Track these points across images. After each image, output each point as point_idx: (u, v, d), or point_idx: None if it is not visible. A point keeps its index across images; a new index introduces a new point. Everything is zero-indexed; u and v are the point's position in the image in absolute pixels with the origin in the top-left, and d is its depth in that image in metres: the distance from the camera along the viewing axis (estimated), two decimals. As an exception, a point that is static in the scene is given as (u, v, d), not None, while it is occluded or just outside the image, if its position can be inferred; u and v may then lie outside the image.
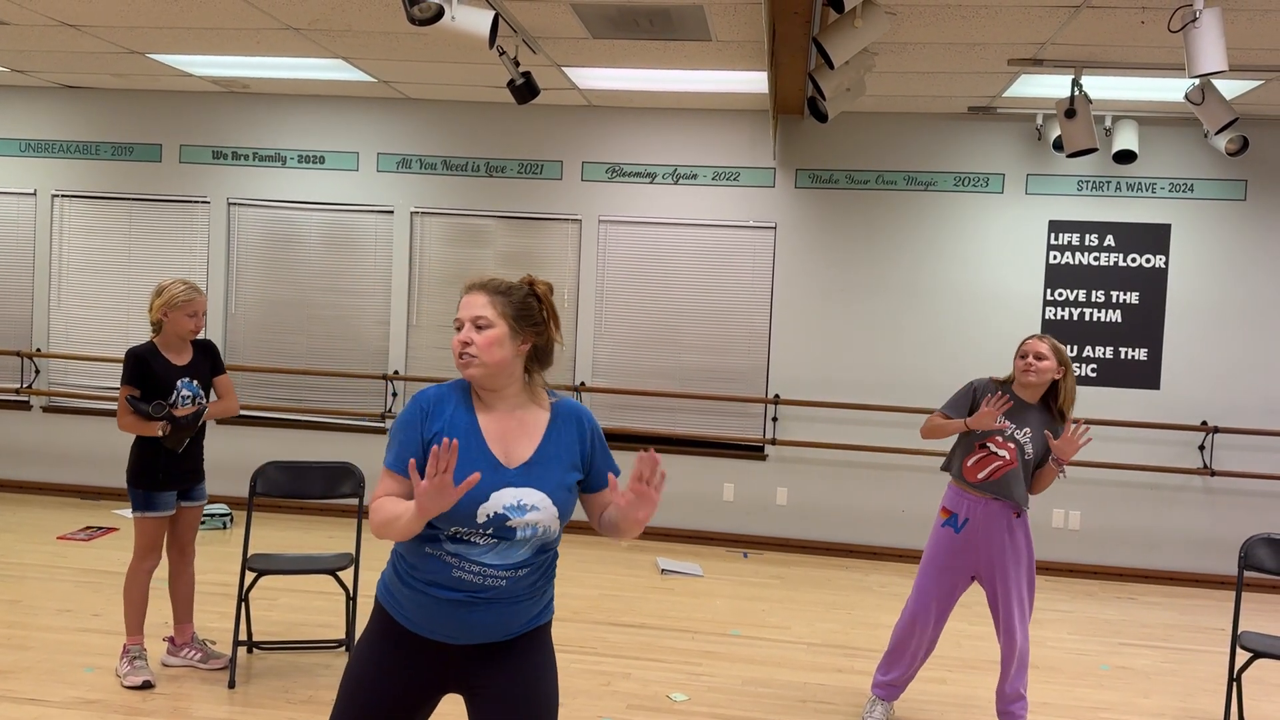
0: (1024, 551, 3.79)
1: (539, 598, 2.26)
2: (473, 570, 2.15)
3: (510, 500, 2.15)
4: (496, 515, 2.13)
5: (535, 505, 2.16)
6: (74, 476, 7.45)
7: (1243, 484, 6.48)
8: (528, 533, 2.16)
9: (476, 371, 2.20)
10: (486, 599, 2.16)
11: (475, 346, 2.18)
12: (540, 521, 2.16)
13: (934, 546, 3.89)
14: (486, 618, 2.17)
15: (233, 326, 7.31)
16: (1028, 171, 6.62)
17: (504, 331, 2.21)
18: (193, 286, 4.08)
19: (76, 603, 5.02)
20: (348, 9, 4.95)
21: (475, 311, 2.21)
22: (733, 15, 4.74)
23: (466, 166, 7.08)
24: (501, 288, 2.25)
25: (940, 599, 3.87)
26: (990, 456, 3.76)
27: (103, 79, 6.99)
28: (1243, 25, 4.48)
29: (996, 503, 3.76)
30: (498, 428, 2.22)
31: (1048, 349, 3.74)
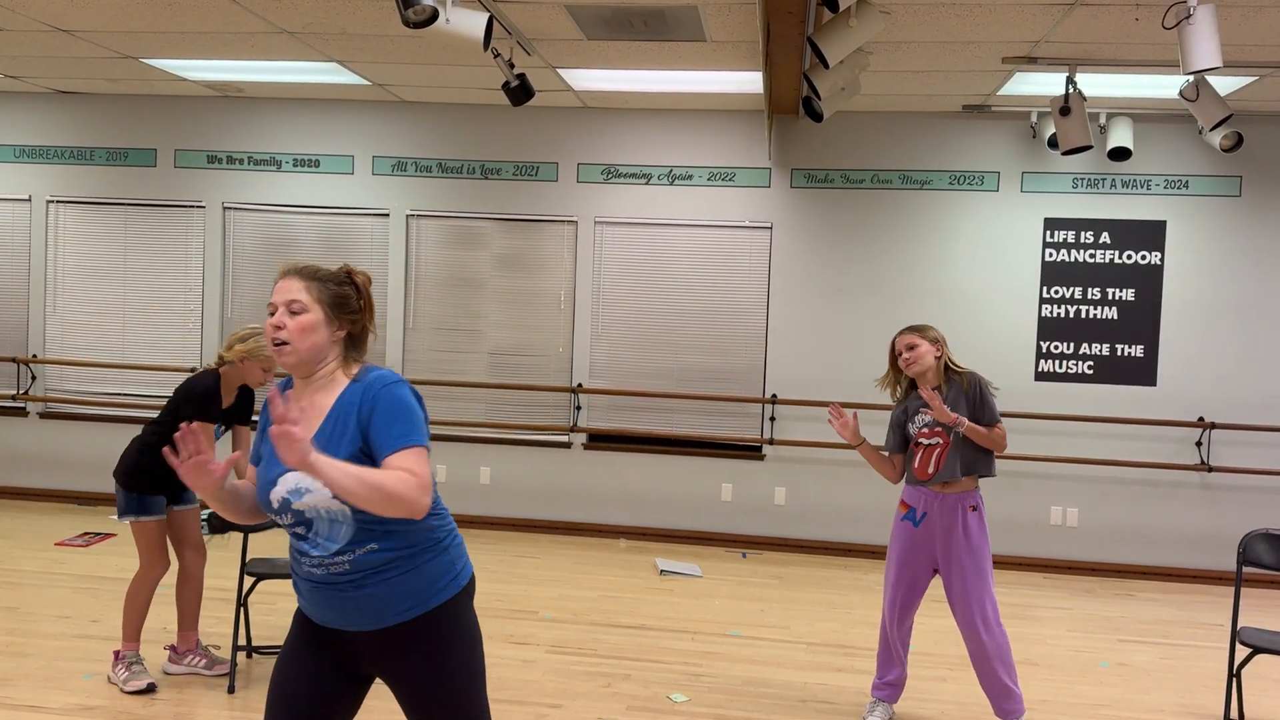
0: (980, 546, 3.81)
1: (396, 586, 2.17)
2: (310, 562, 2.20)
3: (292, 484, 2.16)
4: (283, 500, 2.17)
5: (309, 488, 2.14)
6: (71, 482, 7.44)
7: (1240, 479, 6.49)
8: (314, 514, 2.16)
9: (290, 359, 2.20)
10: (339, 587, 2.18)
11: (288, 331, 2.18)
12: (317, 504, 2.14)
13: (895, 541, 3.96)
14: (343, 604, 2.19)
15: (228, 331, 7.29)
16: (1023, 169, 6.63)
17: (318, 317, 2.20)
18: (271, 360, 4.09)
19: (75, 609, 5.01)
20: (341, 12, 4.94)
21: (290, 295, 2.20)
22: (727, 16, 4.74)
23: (462, 169, 7.08)
24: (318, 274, 2.24)
25: (904, 592, 3.92)
26: (927, 450, 3.84)
27: (96, 84, 6.98)
28: (1236, 21, 4.49)
29: (953, 497, 3.81)
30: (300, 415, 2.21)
31: (915, 337, 3.85)
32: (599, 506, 7.04)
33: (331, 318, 2.22)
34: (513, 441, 7.08)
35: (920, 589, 3.93)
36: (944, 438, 3.81)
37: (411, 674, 2.22)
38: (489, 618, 5.15)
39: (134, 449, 4.11)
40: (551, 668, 4.49)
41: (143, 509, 4.04)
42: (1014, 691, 3.82)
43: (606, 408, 7.02)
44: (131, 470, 4.06)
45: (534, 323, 7.06)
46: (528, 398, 7.05)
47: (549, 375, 7.05)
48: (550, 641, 4.83)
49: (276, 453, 1.99)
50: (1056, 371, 6.63)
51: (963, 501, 3.81)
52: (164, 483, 4.07)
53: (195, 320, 7.32)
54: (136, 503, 4.04)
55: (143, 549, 4.06)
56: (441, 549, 2.25)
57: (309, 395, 2.25)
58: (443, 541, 2.26)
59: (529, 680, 4.32)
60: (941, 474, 3.81)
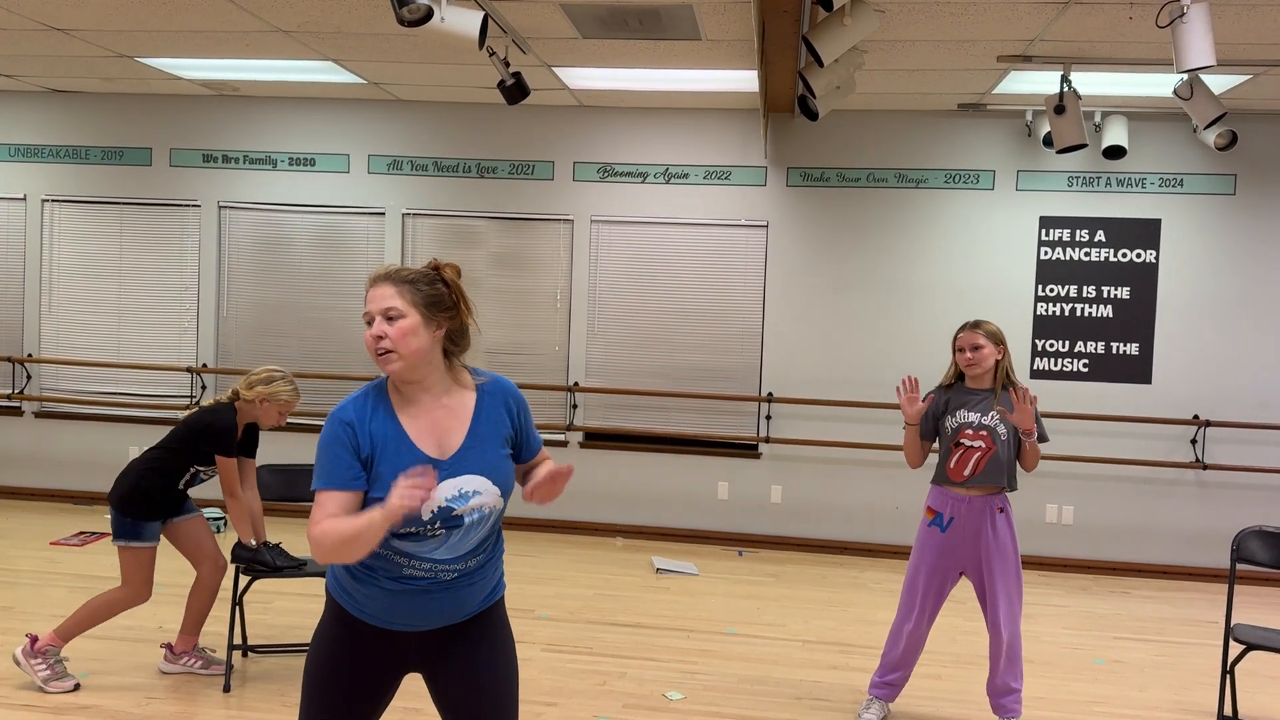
0: (1009, 545, 3.81)
1: (490, 578, 2.29)
2: (423, 567, 2.16)
3: (451, 491, 2.15)
4: (441, 509, 2.13)
5: (477, 490, 2.16)
6: (66, 482, 7.43)
7: (1234, 477, 6.50)
8: (475, 517, 2.16)
9: (397, 366, 2.15)
10: (439, 584, 2.18)
11: (390, 339, 2.14)
12: (485, 504, 2.18)
13: (921, 547, 3.92)
14: (443, 604, 2.20)
15: (224, 330, 7.29)
16: (1018, 168, 6.64)
17: (417, 320, 2.16)
18: (296, 389, 4.11)
19: (70, 608, 4.98)
20: (337, 11, 4.94)
21: (385, 304, 2.16)
22: (722, 14, 4.74)
23: (458, 167, 7.08)
24: (408, 277, 2.20)
25: (932, 598, 3.89)
26: (968, 451, 3.80)
27: (91, 83, 6.97)
28: (1230, 20, 4.50)
29: (980, 500, 3.79)
30: (425, 422, 2.19)
31: (981, 337, 3.82)
32: (595, 505, 7.05)
33: (429, 318, 2.18)
34: (509, 440, 7.07)
35: (947, 593, 3.92)
36: (988, 442, 3.76)
37: (467, 666, 2.24)
38: (485, 616, 5.15)
39: (134, 474, 4.03)
40: (548, 666, 4.49)
41: (136, 535, 3.98)
42: (1018, 692, 3.85)
43: (603, 406, 7.02)
44: (129, 495, 4.00)
45: (530, 321, 7.06)
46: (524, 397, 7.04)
47: (545, 374, 7.06)
48: (546, 639, 4.84)
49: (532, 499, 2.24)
50: (1052, 369, 6.64)
51: (991, 504, 3.79)
52: (161, 508, 4.04)
53: (191, 319, 7.31)
54: (131, 528, 3.97)
55: (129, 574, 3.99)
56: (503, 549, 2.36)
57: (421, 402, 2.20)
58: (501, 552, 2.36)
59: (525, 678, 4.29)
60: (979, 478, 3.78)
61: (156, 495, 4.02)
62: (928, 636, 3.98)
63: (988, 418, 3.78)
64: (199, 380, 7.24)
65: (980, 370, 3.81)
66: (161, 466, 4.03)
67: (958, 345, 3.86)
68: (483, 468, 2.18)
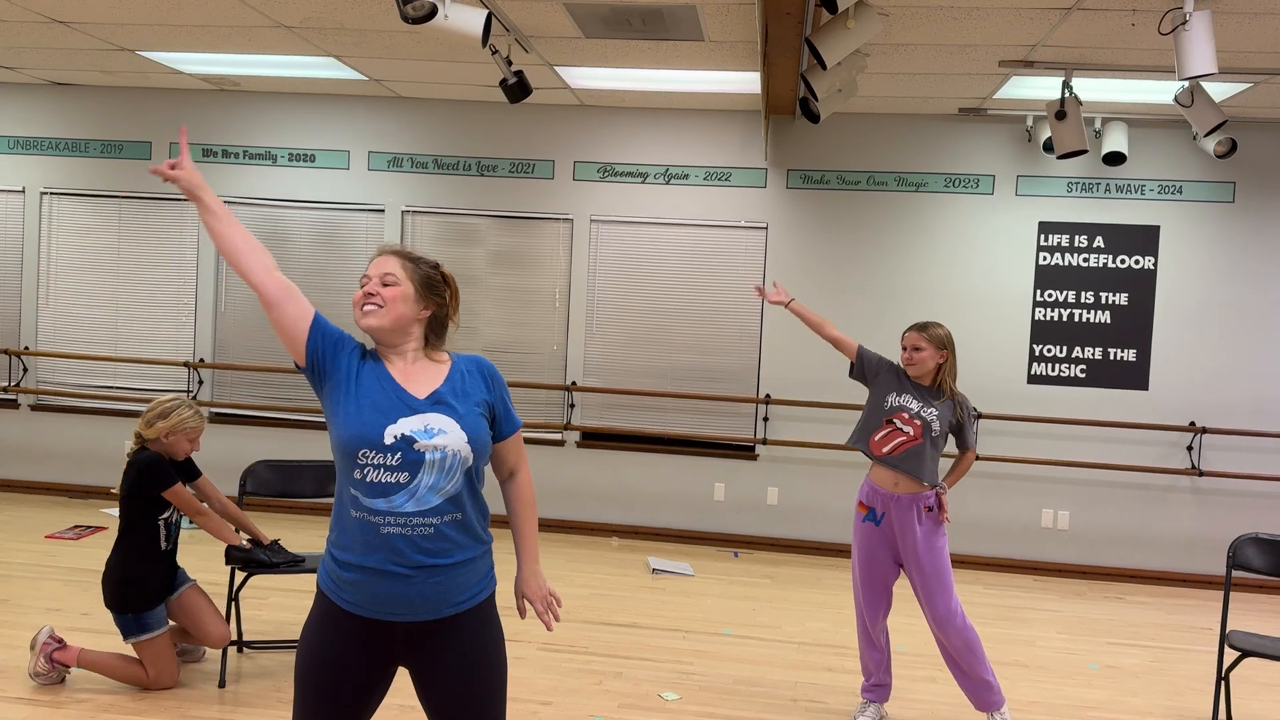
0: (938, 545, 3.85)
1: (473, 570, 2.26)
2: (397, 522, 2.14)
3: (418, 425, 2.19)
4: (403, 436, 2.16)
5: (443, 429, 2.19)
6: (62, 475, 7.42)
7: (1230, 484, 6.52)
8: (435, 455, 2.16)
9: (375, 320, 2.27)
10: (413, 564, 2.15)
11: (380, 297, 2.27)
12: (449, 445, 2.17)
13: (858, 542, 3.99)
14: (424, 590, 2.18)
15: (223, 325, 7.28)
16: (1018, 173, 6.65)
17: (410, 291, 2.29)
18: (198, 412, 4.02)
19: (65, 601, 5.00)
20: (340, 7, 4.94)
21: (385, 269, 2.30)
22: (725, 16, 4.74)
23: (458, 165, 7.07)
24: (413, 256, 2.35)
25: (878, 591, 3.96)
26: (895, 432, 3.87)
27: (92, 76, 6.96)
28: (1232, 28, 4.51)
29: (908, 498, 3.85)
30: (401, 371, 2.29)
31: (923, 340, 3.89)
32: (592, 504, 7.05)
33: (421, 295, 2.31)
34: (506, 439, 7.07)
35: (889, 586, 3.97)
36: (917, 431, 3.83)
37: (453, 663, 2.22)
38: (481, 614, 5.15)
39: (116, 571, 3.92)
40: (543, 665, 4.49)
41: (145, 627, 3.91)
42: (990, 683, 3.85)
43: (600, 406, 7.03)
44: (120, 590, 3.91)
45: (528, 320, 7.06)
46: (522, 395, 7.05)
47: (543, 373, 7.06)
48: (542, 639, 4.84)
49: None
50: (1049, 375, 6.65)
51: (917, 502, 3.85)
52: (156, 591, 3.96)
53: (189, 314, 7.30)
54: (136, 622, 3.90)
55: (150, 664, 3.93)
56: (489, 549, 2.35)
57: (404, 362, 2.31)
58: (488, 544, 2.35)
59: (521, 677, 4.33)
60: (894, 460, 3.85)
61: (149, 579, 3.93)
62: (887, 628, 4.04)
63: (926, 410, 3.86)
64: (196, 375, 7.24)
65: (918, 371, 3.90)
66: (134, 547, 3.92)
67: (901, 343, 3.95)
68: (453, 413, 2.23)
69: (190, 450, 4.01)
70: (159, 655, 3.94)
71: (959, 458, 4.01)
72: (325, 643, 2.22)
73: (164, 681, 3.96)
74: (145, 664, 3.94)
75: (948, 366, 3.91)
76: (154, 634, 3.93)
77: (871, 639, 4.03)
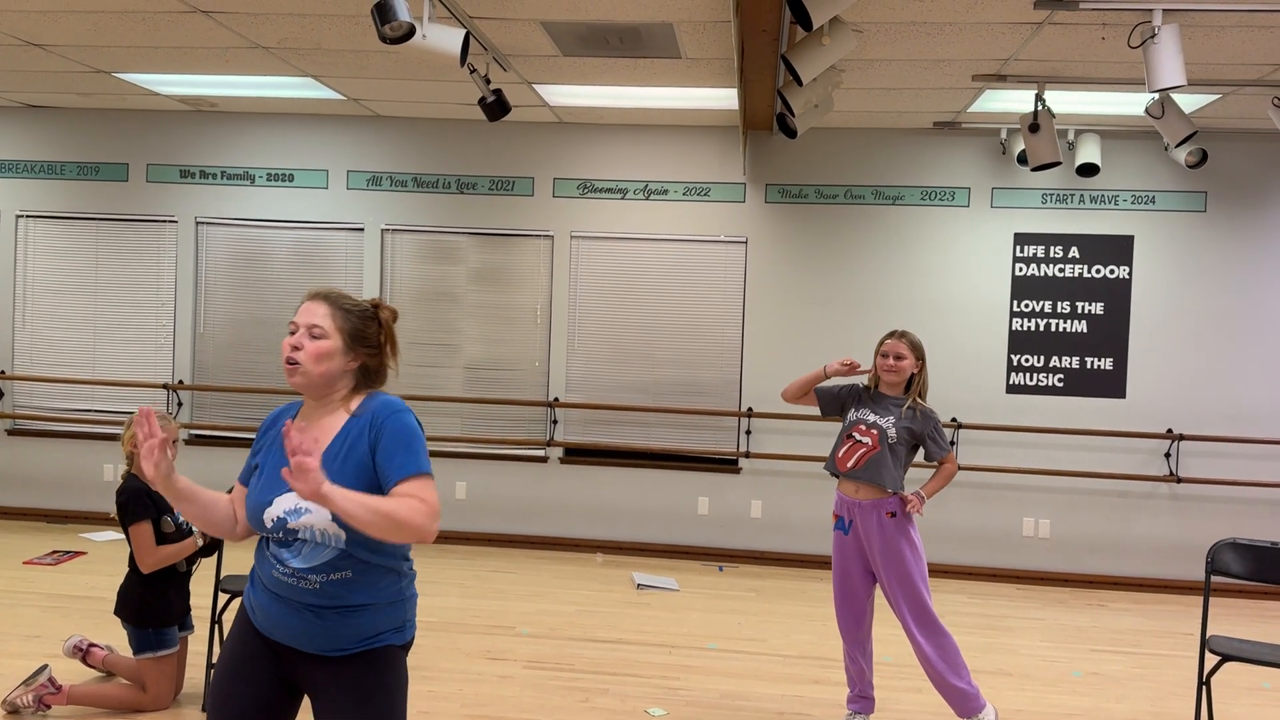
0: (904, 550, 3.85)
1: (369, 617, 2.24)
2: (285, 572, 2.21)
3: (290, 505, 2.20)
4: (278, 520, 2.20)
5: (307, 508, 2.17)
6: (40, 500, 7.35)
7: (1208, 490, 6.58)
8: (308, 535, 2.18)
9: (299, 380, 2.24)
10: (303, 603, 2.20)
11: (304, 354, 2.22)
12: (314, 524, 2.17)
13: (834, 553, 4.04)
14: (302, 622, 2.21)
15: (201, 346, 7.25)
16: (993, 185, 6.71)
17: (336, 345, 2.24)
18: (164, 416, 4.02)
19: (44, 628, 4.95)
20: (317, 27, 4.94)
21: (312, 319, 2.24)
22: (702, 33, 4.78)
23: (438, 183, 7.08)
24: (344, 303, 2.29)
25: (851, 599, 3.98)
26: (855, 444, 3.92)
27: (68, 98, 6.93)
28: (1200, 41, 4.58)
29: (869, 504, 3.88)
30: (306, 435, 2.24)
31: (906, 348, 3.94)
32: (576, 521, 7.04)
33: (349, 347, 2.25)
34: (489, 456, 7.07)
35: (862, 596, 3.99)
36: (875, 441, 3.87)
37: (332, 705, 2.24)
38: (466, 633, 5.13)
39: (135, 587, 3.94)
40: (529, 683, 4.48)
41: (161, 643, 3.92)
42: (967, 691, 3.86)
43: (583, 422, 7.03)
44: (139, 605, 3.91)
45: (510, 337, 7.06)
46: (504, 412, 7.05)
47: (525, 389, 7.05)
48: (527, 657, 4.82)
49: (291, 483, 1.96)
50: (1027, 384, 6.71)
51: (879, 508, 3.87)
52: (177, 608, 3.99)
53: (167, 336, 7.26)
54: (155, 638, 3.91)
55: (154, 682, 3.92)
56: (400, 600, 2.30)
57: (317, 418, 2.28)
58: (403, 593, 2.31)
59: (506, 696, 4.31)
60: (858, 473, 3.88)
61: (169, 594, 3.95)
62: (869, 638, 4.05)
63: (883, 419, 3.90)
64: (175, 397, 7.19)
65: (895, 379, 3.94)
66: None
67: (881, 350, 3.98)
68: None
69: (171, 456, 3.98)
70: (165, 674, 3.94)
71: (937, 467, 4.02)
72: (232, 648, 2.32)
73: (161, 702, 3.95)
74: (148, 681, 3.93)
75: (921, 377, 3.96)
76: (169, 651, 3.95)
77: (851, 650, 4.04)
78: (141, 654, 3.93)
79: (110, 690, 4.00)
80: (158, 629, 3.92)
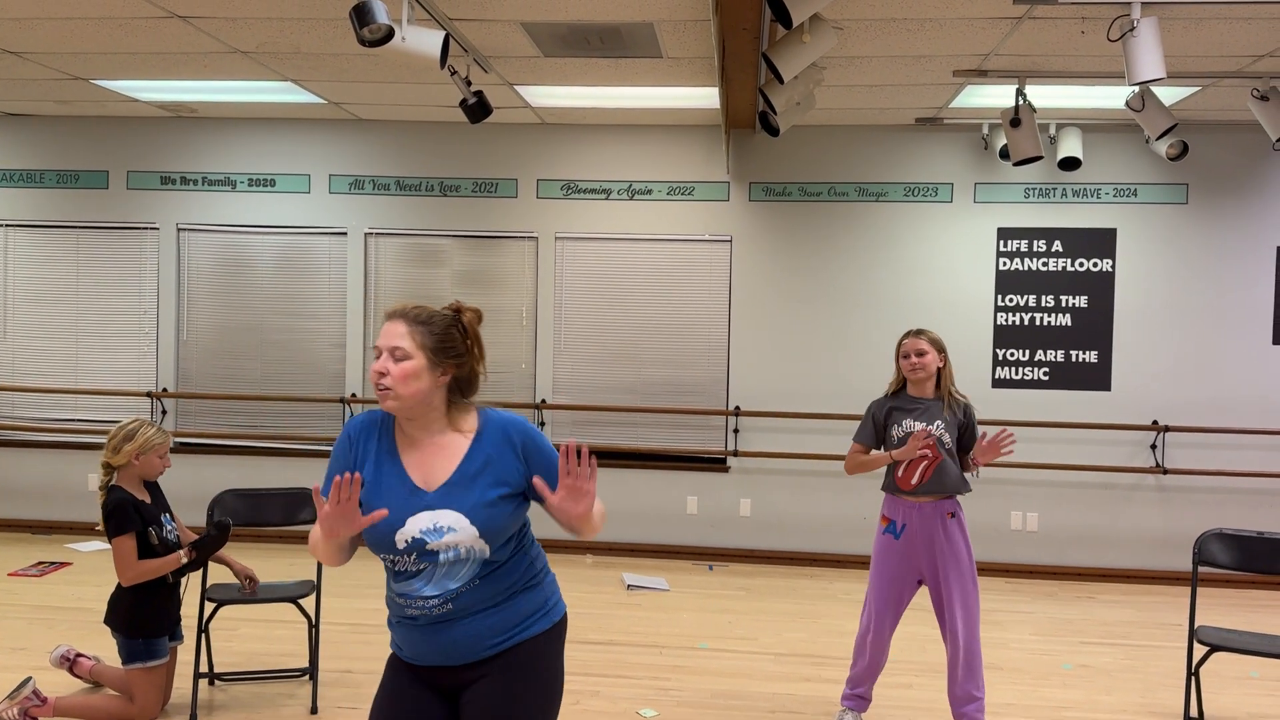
0: (963, 552, 3.83)
1: (510, 609, 2.23)
2: (417, 606, 2.19)
3: (427, 524, 2.15)
4: (414, 540, 2.15)
5: (452, 526, 2.14)
6: (24, 511, 7.29)
7: (1194, 481, 6.61)
8: (450, 555, 2.15)
9: (393, 404, 2.18)
10: (439, 626, 2.19)
11: (391, 378, 2.16)
12: (460, 543, 2.15)
13: (878, 554, 3.95)
14: (454, 636, 2.19)
15: (185, 354, 7.20)
16: (975, 180, 6.73)
17: (421, 364, 2.17)
18: (160, 429, 3.97)
19: (30, 640, 4.91)
20: (296, 31, 4.92)
21: (393, 342, 2.18)
22: (683, 32, 4.77)
23: (420, 186, 7.05)
24: (422, 316, 2.21)
25: (892, 605, 3.92)
26: (914, 461, 3.85)
27: (46, 106, 6.88)
28: (1178, 34, 4.60)
29: (930, 505, 3.83)
30: (418, 454, 2.22)
31: (926, 344, 3.90)
32: (564, 523, 7.01)
33: (435, 363, 2.19)
34: (476, 459, 7.04)
35: (907, 601, 3.93)
36: (934, 451, 3.81)
37: (485, 703, 2.20)
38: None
39: (126, 594, 3.88)
40: (520, 686, 4.45)
41: (151, 653, 3.88)
42: (980, 700, 3.85)
43: (570, 423, 7.01)
44: (129, 615, 3.88)
45: (496, 340, 7.04)
46: (491, 415, 7.01)
47: (512, 392, 7.03)
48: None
49: (565, 503, 2.07)
50: (1013, 378, 6.73)
51: (941, 509, 3.82)
52: (167, 617, 3.95)
53: (150, 344, 7.21)
54: (145, 649, 3.87)
55: (142, 693, 3.87)
56: (534, 585, 2.29)
57: (421, 438, 2.23)
58: (535, 578, 2.30)
59: (497, 700, 4.28)
60: (926, 487, 3.82)
61: (159, 603, 3.91)
62: (889, 645, 4.00)
63: (933, 426, 3.82)
64: (159, 405, 7.14)
65: (924, 375, 3.87)
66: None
67: (902, 351, 3.93)
68: (462, 505, 2.16)
69: (163, 467, 3.96)
70: (154, 685, 3.90)
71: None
72: (388, 687, 2.30)
73: (149, 713, 3.91)
74: (136, 692, 3.88)
75: (946, 370, 3.91)
76: (158, 662, 3.91)
77: (868, 651, 3.98)
78: (131, 664, 3.90)
79: (97, 701, 3.97)
80: (148, 639, 3.89)
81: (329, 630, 5.01)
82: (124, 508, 3.84)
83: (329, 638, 4.93)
